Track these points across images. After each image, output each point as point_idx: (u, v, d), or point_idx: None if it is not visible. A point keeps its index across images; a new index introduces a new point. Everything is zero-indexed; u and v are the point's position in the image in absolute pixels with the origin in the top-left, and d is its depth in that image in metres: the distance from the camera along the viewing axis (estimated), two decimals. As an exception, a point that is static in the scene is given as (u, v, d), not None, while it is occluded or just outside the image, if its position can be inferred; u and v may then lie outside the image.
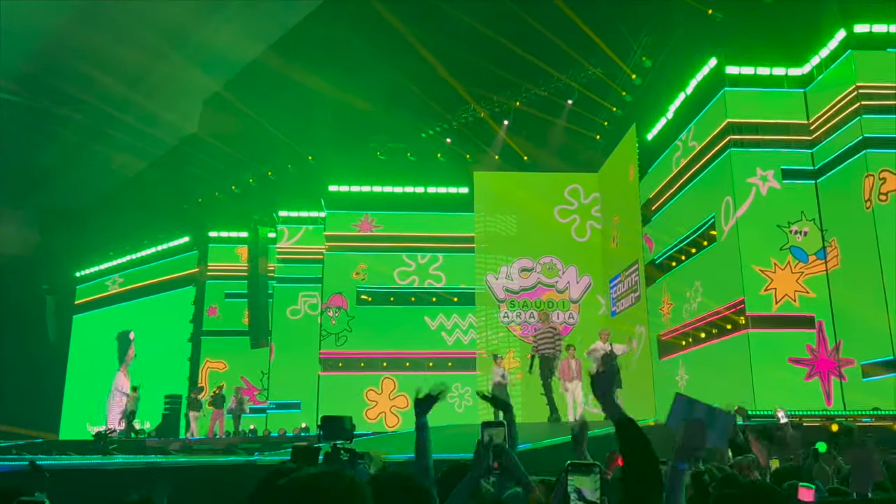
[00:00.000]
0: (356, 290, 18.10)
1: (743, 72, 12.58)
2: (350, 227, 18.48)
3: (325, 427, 4.49)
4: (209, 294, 20.23)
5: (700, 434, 2.14)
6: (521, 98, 17.45)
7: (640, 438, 2.11)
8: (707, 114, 13.13)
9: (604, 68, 16.34)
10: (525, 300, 18.07)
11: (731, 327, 12.16)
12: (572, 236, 18.31)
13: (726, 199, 12.37)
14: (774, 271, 11.71)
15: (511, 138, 18.29)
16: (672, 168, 14.48)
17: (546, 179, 18.51)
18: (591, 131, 18.03)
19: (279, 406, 18.16)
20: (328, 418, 4.21)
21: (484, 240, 18.39)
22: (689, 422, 2.16)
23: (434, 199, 18.66)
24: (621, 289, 16.97)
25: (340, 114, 16.69)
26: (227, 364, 19.61)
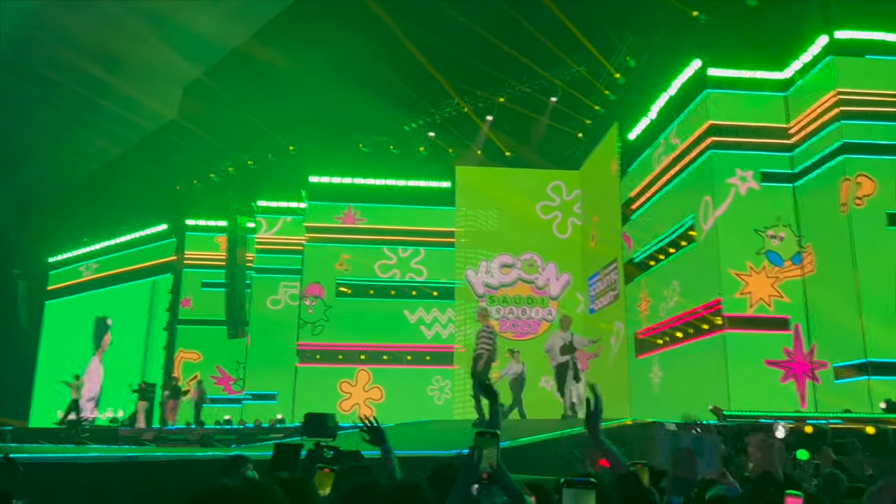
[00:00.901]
0: (335, 281, 18.03)
1: (726, 74, 12.68)
2: (332, 219, 18.39)
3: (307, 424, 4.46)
4: (186, 283, 20.03)
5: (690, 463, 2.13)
6: (505, 94, 17.44)
7: (643, 497, 2.10)
8: (689, 115, 13.23)
9: (588, 67, 16.38)
10: (504, 296, 18.12)
11: (708, 327, 12.28)
12: (553, 233, 18.38)
13: (705, 199, 12.47)
14: (750, 275, 11.85)
15: (494, 134, 18.28)
16: (653, 168, 14.57)
17: (528, 175, 18.56)
18: (573, 129, 18.09)
19: (255, 397, 18.05)
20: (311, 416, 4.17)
21: (465, 234, 18.40)
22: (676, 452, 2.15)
23: (416, 193, 18.62)
24: (600, 286, 17.08)
25: (323, 104, 16.55)
26: (200, 355, 19.43)
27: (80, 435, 14.53)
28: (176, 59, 16.47)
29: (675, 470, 2.12)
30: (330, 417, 3.92)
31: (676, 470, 2.11)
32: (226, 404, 18.52)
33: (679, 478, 2.12)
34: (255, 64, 15.84)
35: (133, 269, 21.52)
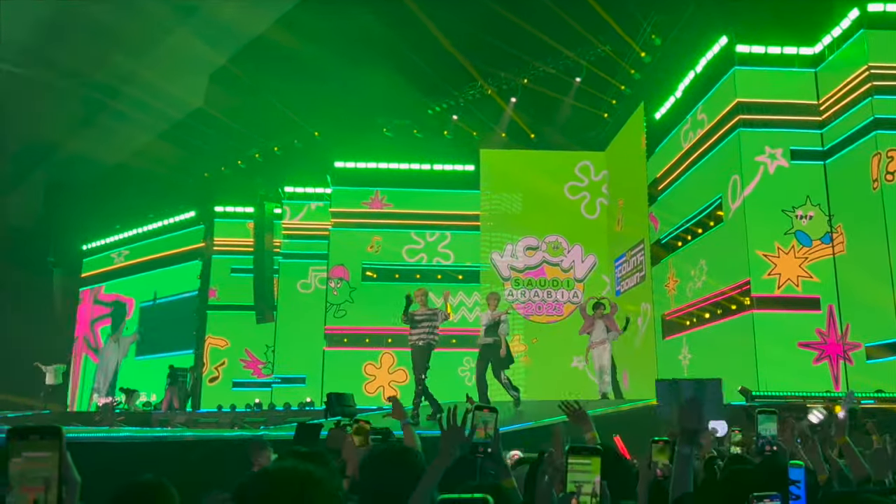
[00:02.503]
0: (361, 265, 18.14)
1: (753, 51, 12.46)
2: (359, 204, 18.49)
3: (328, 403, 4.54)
4: (215, 269, 20.29)
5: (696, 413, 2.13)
6: (528, 75, 17.30)
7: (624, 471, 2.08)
8: (716, 93, 13.02)
9: (613, 46, 16.17)
10: (530, 279, 18.08)
11: (736, 308, 12.16)
12: (582, 213, 18.27)
13: (734, 177, 12.31)
14: (778, 255, 11.69)
15: (518, 116, 18.16)
16: (680, 147, 14.39)
17: (554, 157, 18.44)
18: (598, 109, 17.90)
19: (284, 380, 18.28)
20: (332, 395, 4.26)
21: (489, 218, 18.37)
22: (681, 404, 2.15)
23: (440, 177, 18.62)
24: (626, 268, 16.96)
25: (347, 89, 16.58)
26: (228, 341, 19.70)
27: (115, 419, 14.87)
28: (201, 47, 16.60)
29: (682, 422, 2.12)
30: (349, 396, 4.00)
31: (684, 422, 2.12)
32: (255, 388, 18.80)
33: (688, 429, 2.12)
34: (279, 50, 15.91)
35: (163, 256, 21.84)
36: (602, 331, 12.68)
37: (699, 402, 2.15)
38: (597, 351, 12.83)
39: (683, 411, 2.11)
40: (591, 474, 1.87)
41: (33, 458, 1.34)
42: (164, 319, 21.27)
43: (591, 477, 1.87)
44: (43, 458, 1.35)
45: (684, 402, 2.15)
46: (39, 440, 1.36)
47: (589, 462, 1.88)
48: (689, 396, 2.18)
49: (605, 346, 12.66)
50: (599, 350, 12.76)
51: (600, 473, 1.87)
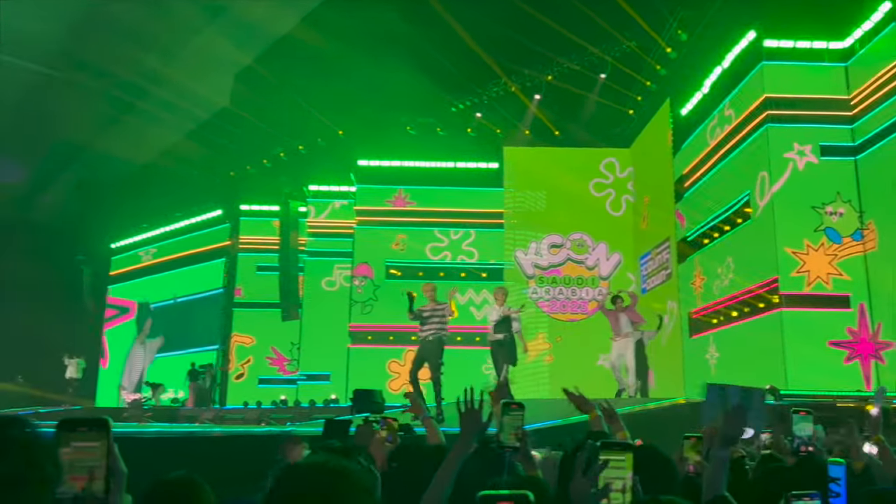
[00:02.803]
0: (385, 263, 18.20)
1: (782, 45, 12.29)
2: (383, 202, 18.55)
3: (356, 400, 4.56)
4: (241, 267, 20.48)
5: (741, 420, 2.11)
6: (552, 72, 17.21)
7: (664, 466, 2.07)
8: (744, 88, 12.87)
9: (638, 42, 16.04)
10: (554, 276, 18.01)
11: (764, 306, 12.02)
12: (607, 210, 18.16)
13: (762, 174, 12.16)
14: (807, 253, 11.53)
15: (542, 113, 18.08)
16: (707, 144, 14.25)
17: (579, 154, 18.34)
18: (624, 106, 17.76)
19: (310, 377, 18.40)
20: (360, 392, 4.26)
21: (513, 215, 18.32)
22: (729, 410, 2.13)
23: (464, 175, 18.62)
24: (652, 266, 16.83)
25: (370, 87, 16.63)
26: (254, 339, 19.87)
27: (143, 415, 15.07)
28: (227, 47, 16.74)
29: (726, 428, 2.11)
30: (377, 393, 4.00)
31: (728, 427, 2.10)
32: (281, 384, 18.95)
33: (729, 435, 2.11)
34: (304, 49, 15.98)
35: (190, 254, 22.08)
36: (626, 324, 12.18)
37: (745, 410, 2.13)
38: (618, 343, 12.30)
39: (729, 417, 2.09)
40: (625, 470, 1.86)
41: (82, 448, 1.38)
42: (189, 317, 21.51)
43: (624, 473, 1.86)
44: (91, 449, 1.39)
45: (730, 409, 2.14)
46: (88, 432, 1.40)
47: (622, 458, 1.87)
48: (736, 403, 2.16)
49: (628, 339, 12.15)
50: (622, 343, 12.23)
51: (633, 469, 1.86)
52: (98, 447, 1.39)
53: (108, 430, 1.43)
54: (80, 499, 1.35)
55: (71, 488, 1.34)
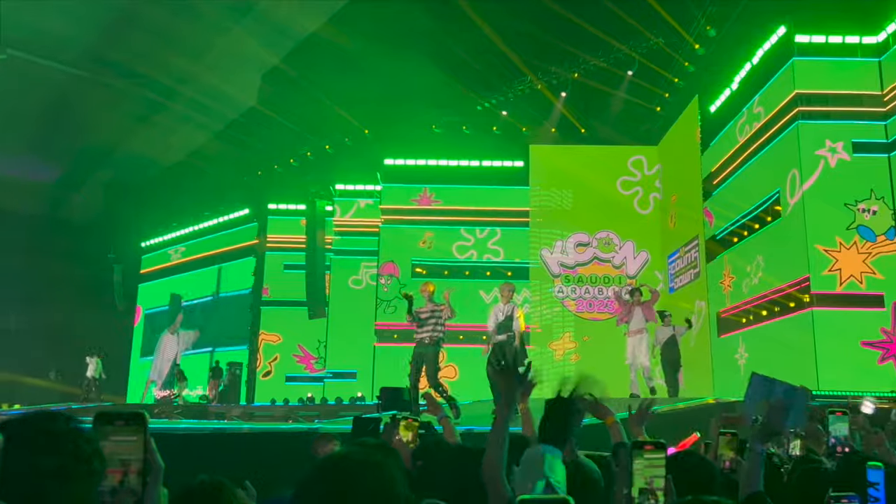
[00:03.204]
0: (411, 262, 18.24)
1: (813, 40, 12.09)
2: (408, 201, 18.60)
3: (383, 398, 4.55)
4: (268, 265, 20.65)
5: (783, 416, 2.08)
6: (579, 69, 17.10)
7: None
8: (774, 85, 12.68)
9: (665, 38, 15.87)
10: (580, 275, 17.92)
11: (795, 305, 11.84)
12: (635, 208, 18.02)
13: (792, 172, 11.98)
14: (840, 251, 11.33)
15: (568, 110, 17.99)
16: (736, 141, 14.07)
17: (606, 152, 18.22)
18: (651, 103, 17.60)
19: (336, 375, 18.50)
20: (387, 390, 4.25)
21: (539, 214, 18.26)
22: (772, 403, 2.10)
23: (490, 173, 18.59)
24: (680, 265, 16.67)
25: (396, 86, 16.66)
26: (281, 337, 20.03)
27: (173, 411, 15.27)
28: (255, 46, 16.88)
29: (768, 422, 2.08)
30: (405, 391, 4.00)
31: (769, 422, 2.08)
32: (308, 382, 19.09)
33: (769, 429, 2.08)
34: (330, 49, 16.07)
35: (218, 253, 22.31)
36: (640, 319, 11.83)
37: (788, 406, 2.11)
38: (632, 340, 11.88)
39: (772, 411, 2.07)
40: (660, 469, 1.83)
41: (119, 441, 1.38)
42: (216, 315, 21.75)
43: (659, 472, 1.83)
44: (128, 442, 1.39)
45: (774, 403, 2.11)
46: (125, 425, 1.41)
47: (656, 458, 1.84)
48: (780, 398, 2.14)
49: (641, 335, 11.78)
50: (635, 340, 11.83)
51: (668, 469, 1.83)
52: (135, 441, 1.40)
53: (145, 423, 1.43)
54: (117, 492, 1.35)
55: (108, 481, 1.35)
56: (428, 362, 9.38)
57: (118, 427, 1.40)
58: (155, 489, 1.41)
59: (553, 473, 1.80)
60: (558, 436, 1.93)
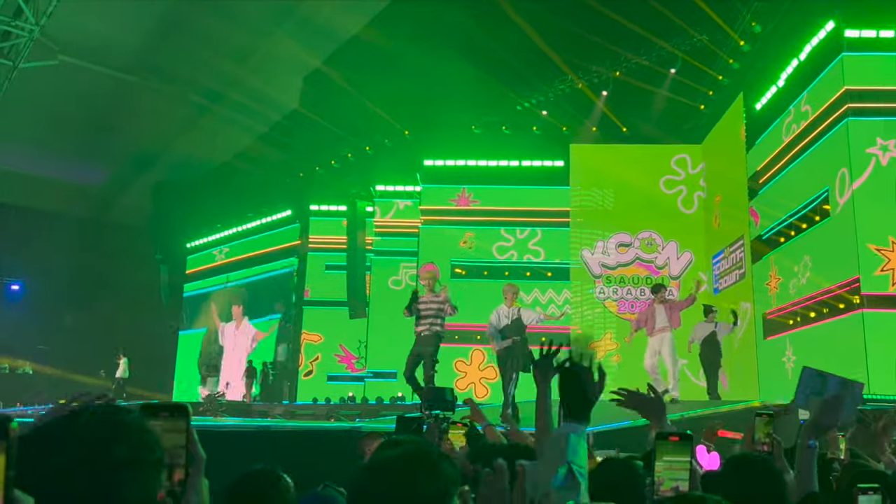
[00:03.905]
0: (450, 262, 18.26)
1: (864, 35, 11.77)
2: (447, 201, 18.63)
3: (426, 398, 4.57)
4: (310, 266, 20.89)
5: (836, 410, 2.04)
6: (621, 67, 16.93)
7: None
8: (822, 81, 12.38)
9: (709, 35, 15.63)
10: (622, 276, 17.73)
11: (844, 307, 11.55)
12: (678, 208, 17.76)
13: (842, 170, 11.68)
14: (892, 250, 11.01)
15: (610, 109, 17.81)
16: (782, 139, 13.78)
17: (648, 151, 18.00)
18: (695, 101, 17.34)
19: (376, 375, 18.61)
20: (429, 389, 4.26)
21: (580, 214, 18.12)
22: (826, 398, 2.06)
23: (529, 173, 18.52)
24: (725, 265, 16.39)
25: (436, 87, 16.72)
26: (322, 336, 20.23)
27: (219, 409, 15.54)
28: (297, 49, 17.10)
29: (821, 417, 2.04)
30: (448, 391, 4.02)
31: (823, 417, 2.03)
32: (349, 381, 19.26)
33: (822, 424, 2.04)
34: (371, 50, 16.19)
35: (261, 254, 22.64)
36: (663, 318, 11.07)
37: (842, 401, 2.06)
38: (654, 339, 11.11)
39: (826, 405, 2.02)
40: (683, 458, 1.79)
41: (163, 433, 1.41)
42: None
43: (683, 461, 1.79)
44: (171, 434, 1.43)
45: (828, 397, 2.07)
46: (169, 417, 1.45)
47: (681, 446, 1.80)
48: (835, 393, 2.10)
49: (664, 334, 11.03)
50: (657, 339, 11.06)
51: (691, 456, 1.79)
52: (178, 432, 1.44)
53: (188, 415, 1.48)
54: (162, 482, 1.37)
55: None
56: (426, 356, 9.04)
57: (163, 419, 1.44)
58: (197, 479, 1.45)
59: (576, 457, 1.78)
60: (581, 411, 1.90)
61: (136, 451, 1.13)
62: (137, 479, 1.11)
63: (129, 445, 1.12)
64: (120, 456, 1.10)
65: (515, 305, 9.71)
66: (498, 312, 9.74)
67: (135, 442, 1.14)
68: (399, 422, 4.04)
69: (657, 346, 11.09)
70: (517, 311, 9.61)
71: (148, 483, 1.14)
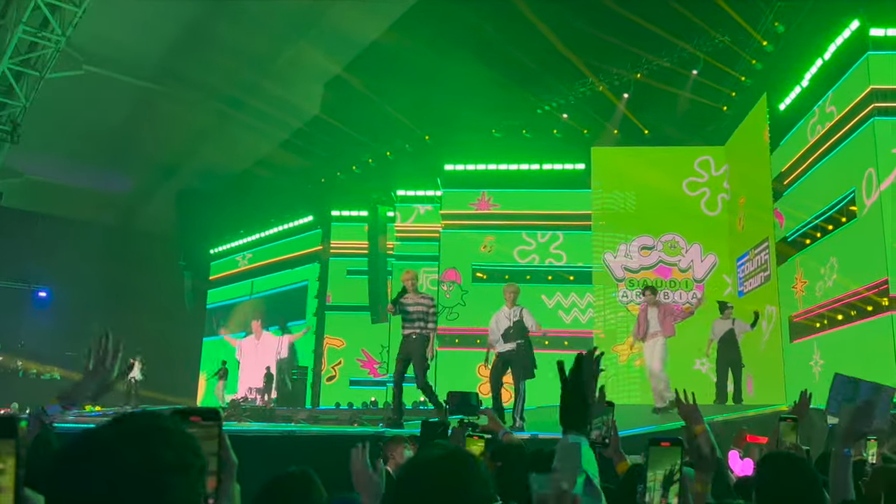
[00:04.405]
0: (472, 267, 18.25)
1: (889, 34, 11.60)
2: (467, 205, 18.63)
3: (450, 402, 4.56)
4: (332, 271, 20.99)
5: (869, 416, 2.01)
6: (642, 70, 16.84)
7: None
8: (847, 81, 12.22)
9: (732, 36, 15.50)
10: (645, 279, 17.60)
11: (873, 309, 11.37)
12: (702, 210, 17.61)
13: (868, 171, 11.51)
14: (922, 250, 10.83)
15: (631, 112, 17.72)
16: (807, 140, 13.61)
17: (670, 153, 17.87)
18: (717, 103, 17.19)
19: (397, 380, 18.61)
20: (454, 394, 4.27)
21: (602, 217, 18.03)
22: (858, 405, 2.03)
23: (550, 176, 18.46)
24: (750, 267, 16.21)
25: (456, 92, 16.75)
26: (344, 341, 20.30)
27: (242, 414, 15.63)
28: (318, 56, 17.22)
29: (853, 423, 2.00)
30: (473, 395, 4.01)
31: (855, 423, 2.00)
32: (371, 386, 19.31)
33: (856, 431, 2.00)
34: (391, 56, 16.27)
35: (283, 259, 22.79)
36: (655, 323, 10.28)
37: (874, 407, 2.03)
38: (647, 345, 10.39)
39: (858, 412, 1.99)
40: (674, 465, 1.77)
41: None
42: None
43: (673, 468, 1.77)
44: (203, 439, 1.41)
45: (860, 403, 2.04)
46: (201, 422, 1.44)
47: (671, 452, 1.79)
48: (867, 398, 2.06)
49: (656, 339, 10.26)
50: (650, 344, 10.33)
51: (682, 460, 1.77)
52: (211, 438, 1.43)
53: (220, 420, 1.47)
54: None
55: None
56: (416, 359, 8.63)
57: (194, 424, 1.43)
58: (230, 485, 1.46)
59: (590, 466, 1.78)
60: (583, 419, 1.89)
61: (182, 457, 1.14)
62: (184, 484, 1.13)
63: (175, 451, 1.14)
64: (168, 461, 1.11)
65: (517, 306, 9.14)
66: (497, 317, 9.25)
67: (180, 447, 1.15)
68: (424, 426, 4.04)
69: (647, 352, 10.38)
70: (519, 312, 9.02)
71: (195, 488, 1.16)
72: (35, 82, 15.68)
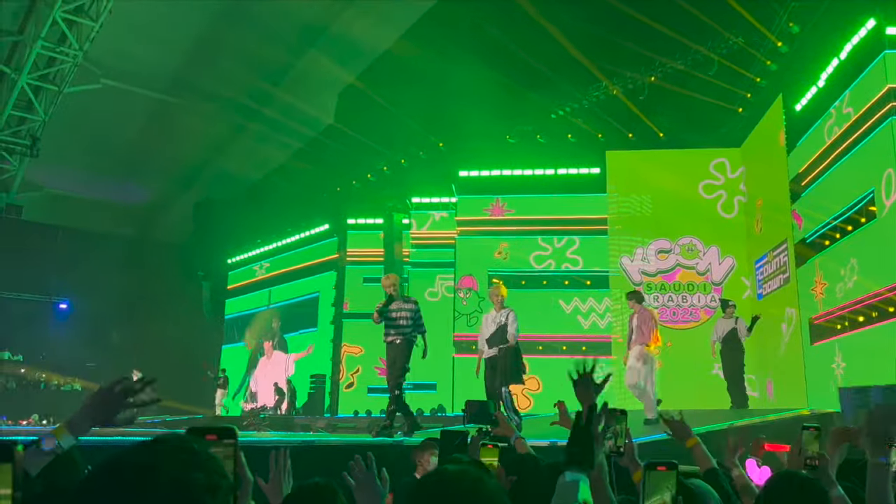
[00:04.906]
0: (488, 273, 18.22)
1: (907, 31, 11.49)
2: (481, 211, 18.62)
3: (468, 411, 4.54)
4: (349, 279, 21.05)
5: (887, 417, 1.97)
6: (655, 72, 16.79)
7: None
8: (864, 80, 12.10)
9: (746, 37, 15.41)
10: (662, 283, 17.50)
11: (894, 310, 11.22)
12: (718, 212, 17.49)
13: (888, 171, 11.37)
14: (943, 250, 10.69)
15: (646, 115, 17.65)
16: (824, 140, 13.48)
17: (686, 156, 17.78)
18: (732, 104, 17.08)
19: (416, 387, 18.60)
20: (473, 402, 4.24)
21: (617, 221, 17.96)
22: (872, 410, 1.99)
23: (565, 181, 18.43)
24: (768, 270, 16.07)
25: (469, 98, 16.78)
26: (363, 349, 20.33)
27: (262, 423, 15.70)
28: (331, 66, 17.32)
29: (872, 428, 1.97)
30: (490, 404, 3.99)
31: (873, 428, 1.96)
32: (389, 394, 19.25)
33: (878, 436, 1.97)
34: (404, 64, 16.34)
35: (300, 268, 22.89)
36: (637, 330, 10.24)
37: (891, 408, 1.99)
38: (631, 352, 10.22)
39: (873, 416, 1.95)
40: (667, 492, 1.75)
41: None
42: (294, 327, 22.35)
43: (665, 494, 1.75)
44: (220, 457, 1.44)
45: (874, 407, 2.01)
46: (217, 440, 1.45)
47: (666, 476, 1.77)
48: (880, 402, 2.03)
49: (636, 348, 10.16)
50: (634, 350, 10.16)
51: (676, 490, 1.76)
52: (227, 457, 1.43)
53: (236, 438, 1.48)
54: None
55: None
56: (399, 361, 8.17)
57: (210, 442, 1.44)
58: (244, 502, 1.47)
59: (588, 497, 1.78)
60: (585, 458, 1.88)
61: (211, 478, 1.15)
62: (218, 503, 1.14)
63: (205, 472, 1.15)
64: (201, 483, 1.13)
65: (505, 309, 8.90)
66: (484, 320, 9.20)
67: (209, 468, 1.16)
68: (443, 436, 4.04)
69: (632, 360, 10.14)
70: (505, 316, 8.85)
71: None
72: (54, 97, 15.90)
